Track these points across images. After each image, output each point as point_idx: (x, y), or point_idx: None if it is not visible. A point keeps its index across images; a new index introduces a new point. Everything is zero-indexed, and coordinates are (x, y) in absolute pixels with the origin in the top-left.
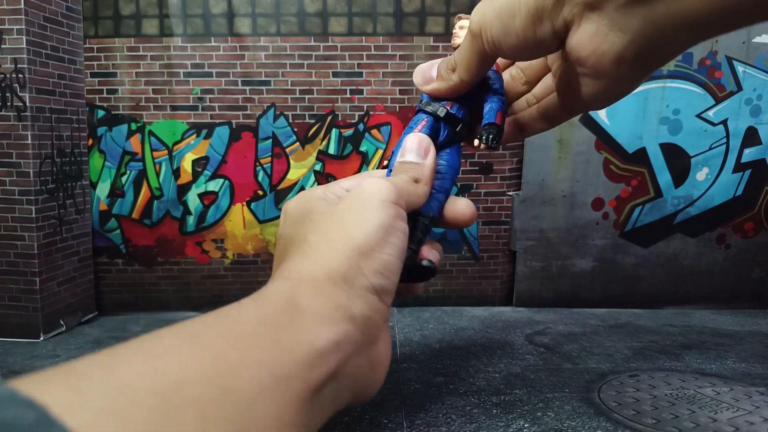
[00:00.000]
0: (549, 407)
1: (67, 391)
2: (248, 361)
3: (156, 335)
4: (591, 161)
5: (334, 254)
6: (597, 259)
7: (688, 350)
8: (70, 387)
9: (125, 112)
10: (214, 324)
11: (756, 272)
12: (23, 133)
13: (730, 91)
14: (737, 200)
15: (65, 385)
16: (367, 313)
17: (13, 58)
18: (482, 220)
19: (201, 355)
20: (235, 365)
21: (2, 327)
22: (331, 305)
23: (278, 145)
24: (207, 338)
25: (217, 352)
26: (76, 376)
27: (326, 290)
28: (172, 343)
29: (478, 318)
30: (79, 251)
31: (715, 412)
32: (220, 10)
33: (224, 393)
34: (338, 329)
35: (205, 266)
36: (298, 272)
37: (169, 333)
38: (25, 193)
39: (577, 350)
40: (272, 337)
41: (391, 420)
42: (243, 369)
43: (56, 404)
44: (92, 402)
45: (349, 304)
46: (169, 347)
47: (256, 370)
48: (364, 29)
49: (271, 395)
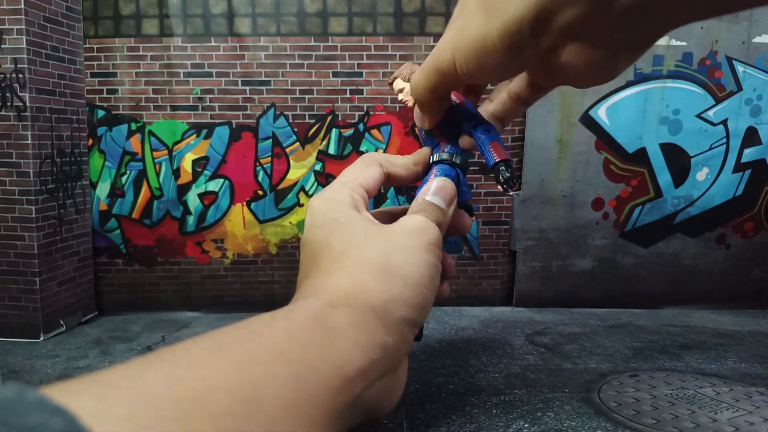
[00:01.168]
0: (549, 407)
1: (93, 399)
2: (273, 377)
3: (183, 346)
4: (591, 161)
5: (378, 280)
6: (597, 259)
7: (688, 350)
8: (95, 395)
9: (125, 112)
10: (244, 339)
11: (756, 272)
12: (23, 133)
13: (730, 91)
14: (737, 200)
15: (91, 394)
16: (398, 343)
17: (13, 58)
18: (482, 220)
19: (225, 368)
20: (258, 379)
21: (2, 327)
22: (367, 333)
23: (278, 145)
24: (233, 351)
25: (242, 365)
26: (101, 385)
27: (364, 317)
28: (198, 355)
29: (478, 318)
30: (79, 251)
31: (715, 412)
32: (220, 10)
33: (245, 406)
34: (369, 357)
35: (205, 266)
36: (336, 291)
37: (197, 345)
38: (25, 193)
39: (577, 350)
40: (300, 357)
41: (391, 420)
42: (267, 384)
43: (84, 412)
44: (115, 410)
45: (384, 332)
46: (195, 358)
47: (280, 387)
48: (364, 29)
49: (294, 413)
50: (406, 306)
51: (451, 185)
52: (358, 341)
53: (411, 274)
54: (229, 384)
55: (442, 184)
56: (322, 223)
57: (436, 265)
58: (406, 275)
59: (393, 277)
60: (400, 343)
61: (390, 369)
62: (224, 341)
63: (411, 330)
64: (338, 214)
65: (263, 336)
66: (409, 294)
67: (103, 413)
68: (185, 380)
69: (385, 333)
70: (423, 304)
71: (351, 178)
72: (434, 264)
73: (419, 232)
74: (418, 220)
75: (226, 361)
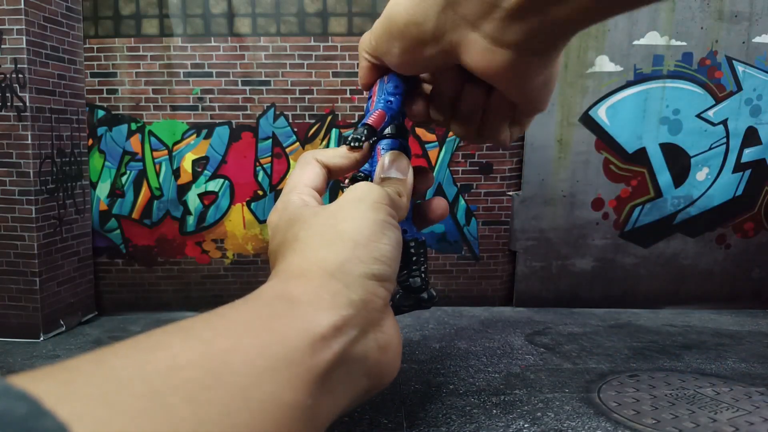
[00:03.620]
0: (549, 407)
1: (59, 383)
2: (240, 347)
3: (147, 333)
4: (591, 161)
5: (328, 247)
6: (597, 259)
7: (688, 350)
8: (61, 380)
9: (125, 112)
10: (206, 320)
11: (756, 272)
12: (23, 133)
13: (730, 91)
14: (737, 200)
15: (57, 379)
16: (366, 297)
17: (13, 58)
18: (482, 220)
19: (192, 344)
20: (226, 351)
21: (2, 327)
22: (327, 294)
23: (278, 145)
24: (199, 331)
25: (208, 341)
26: (67, 371)
27: (321, 281)
28: (162, 338)
29: (478, 318)
30: (79, 251)
31: (715, 412)
32: (220, 10)
33: (215, 377)
34: (337, 314)
35: (205, 266)
36: (290, 269)
37: (161, 330)
38: (25, 193)
39: (577, 350)
40: (266, 327)
41: (391, 420)
42: (235, 354)
43: (48, 396)
44: (82, 392)
45: (348, 291)
46: (159, 341)
47: (248, 354)
48: (364, 29)
49: (268, 378)
50: (362, 263)
51: (400, 154)
52: (319, 303)
53: (360, 234)
54: (196, 359)
55: (392, 157)
56: (278, 230)
57: (385, 219)
58: (356, 237)
59: (343, 242)
60: (370, 297)
61: (370, 324)
62: (188, 324)
63: (380, 284)
64: (290, 215)
65: (227, 316)
66: (362, 252)
67: (70, 395)
68: (152, 360)
69: (349, 291)
70: (381, 257)
71: (294, 182)
72: (383, 219)
73: (361, 195)
74: (359, 186)
75: (192, 340)
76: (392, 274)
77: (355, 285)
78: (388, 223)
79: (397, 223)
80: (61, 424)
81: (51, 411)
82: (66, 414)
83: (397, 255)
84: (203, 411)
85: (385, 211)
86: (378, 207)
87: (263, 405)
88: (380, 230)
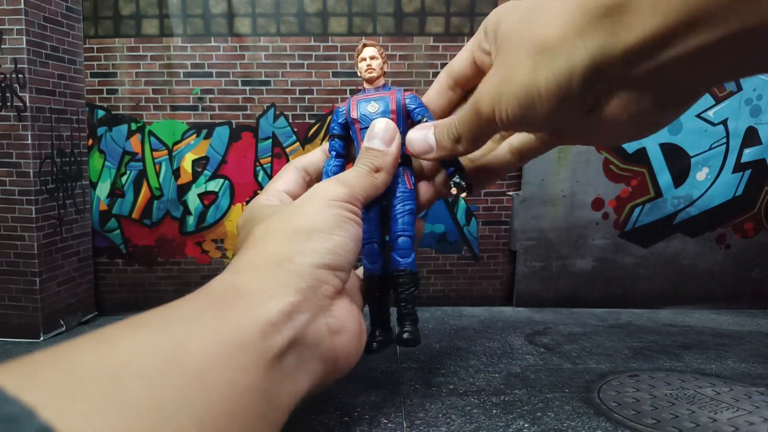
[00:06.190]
0: (549, 407)
1: (21, 374)
2: (195, 335)
3: (106, 327)
4: (591, 161)
5: (281, 241)
6: (597, 259)
7: (688, 350)
8: (23, 371)
9: (125, 112)
10: (161, 313)
11: (756, 272)
12: (23, 133)
13: (729, 91)
14: (737, 200)
15: (19, 370)
16: (314, 284)
17: (13, 58)
18: (482, 220)
19: (148, 333)
20: (181, 339)
21: (2, 327)
22: (273, 283)
23: (278, 145)
24: (154, 322)
25: (162, 330)
26: (28, 363)
27: (270, 271)
28: (119, 331)
29: (478, 318)
30: (79, 251)
31: (715, 412)
32: (220, 10)
33: (171, 363)
34: (285, 301)
35: (205, 266)
36: (241, 263)
37: (119, 324)
38: (25, 193)
39: (577, 350)
40: (218, 316)
41: (391, 420)
42: (190, 342)
43: (11, 384)
44: (44, 382)
45: (297, 279)
46: (117, 334)
47: (203, 342)
48: (364, 29)
49: (223, 363)
50: (316, 253)
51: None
52: (267, 290)
53: (314, 227)
54: (153, 347)
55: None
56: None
57: (341, 214)
58: (310, 230)
59: (297, 235)
60: (319, 284)
61: (318, 309)
62: (145, 317)
63: (332, 272)
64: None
65: (181, 308)
66: (316, 243)
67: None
68: (111, 351)
69: (298, 279)
70: (335, 248)
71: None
72: (338, 214)
73: (318, 194)
74: (319, 185)
75: (147, 330)
76: (346, 264)
77: (304, 273)
78: (345, 217)
79: (357, 218)
80: (26, 408)
81: (14, 397)
82: (30, 400)
83: (353, 247)
84: (162, 395)
85: (342, 207)
86: (333, 204)
87: (219, 389)
88: (336, 223)
